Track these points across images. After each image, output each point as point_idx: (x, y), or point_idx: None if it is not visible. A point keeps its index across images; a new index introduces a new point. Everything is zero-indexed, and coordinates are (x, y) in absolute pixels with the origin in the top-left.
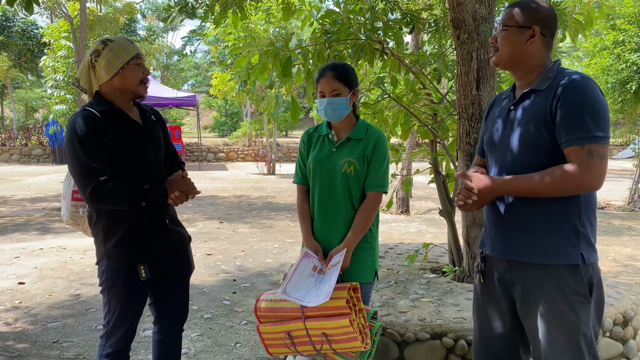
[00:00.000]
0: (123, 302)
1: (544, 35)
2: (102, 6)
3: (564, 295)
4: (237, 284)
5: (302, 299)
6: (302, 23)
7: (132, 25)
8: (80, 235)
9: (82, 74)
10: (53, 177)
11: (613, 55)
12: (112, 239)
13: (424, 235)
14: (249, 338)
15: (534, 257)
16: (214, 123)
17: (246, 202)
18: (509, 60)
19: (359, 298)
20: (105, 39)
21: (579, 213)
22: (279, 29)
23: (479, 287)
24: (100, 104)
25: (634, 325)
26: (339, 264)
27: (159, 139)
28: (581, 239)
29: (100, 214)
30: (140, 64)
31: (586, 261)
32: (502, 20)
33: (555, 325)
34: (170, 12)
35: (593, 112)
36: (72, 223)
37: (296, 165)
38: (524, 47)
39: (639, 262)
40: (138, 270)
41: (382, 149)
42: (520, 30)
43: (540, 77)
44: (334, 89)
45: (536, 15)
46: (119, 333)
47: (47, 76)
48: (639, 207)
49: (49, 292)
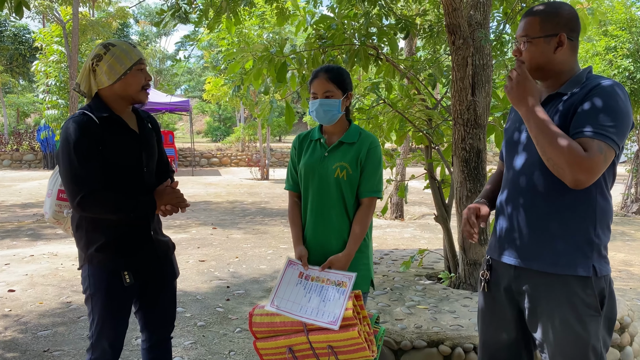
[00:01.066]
0: (107, 310)
1: (571, 40)
2: (94, 11)
3: (573, 308)
4: (231, 290)
5: (295, 312)
6: (296, 28)
7: (125, 30)
8: (71, 241)
9: (82, 79)
10: (45, 182)
11: (605, 61)
12: (95, 244)
13: (418, 240)
14: (243, 346)
15: (543, 264)
16: (207, 128)
17: (240, 208)
18: (537, 71)
19: (362, 306)
20: (107, 43)
21: (595, 223)
22: (272, 35)
23: (484, 296)
24: (99, 110)
25: (630, 331)
26: (345, 287)
27: (154, 148)
28: (594, 250)
29: (84, 217)
30: (143, 70)
31: (598, 273)
32: (523, 32)
33: (564, 338)
34: (163, 16)
35: (613, 113)
36: (53, 222)
37: (287, 171)
38: (552, 56)
39: (632, 267)
40: (122, 276)
41: (376, 153)
42: (546, 39)
43: (569, 81)
44: (327, 90)
45: (560, 20)
46: (106, 344)
47: (39, 81)
48: (632, 212)
49: (40, 300)
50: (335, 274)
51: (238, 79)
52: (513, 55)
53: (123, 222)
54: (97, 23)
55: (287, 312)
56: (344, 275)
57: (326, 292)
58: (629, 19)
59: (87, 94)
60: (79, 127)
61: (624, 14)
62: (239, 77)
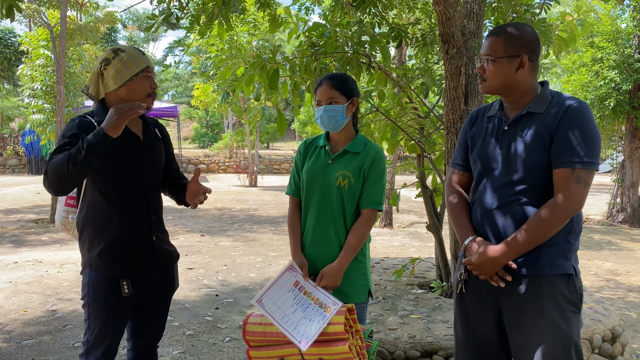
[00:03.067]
0: (104, 318)
1: (532, 61)
2: (82, 15)
3: (557, 305)
4: (220, 299)
5: (276, 318)
6: (288, 35)
7: (113, 35)
8: (57, 248)
9: (91, 82)
10: (29, 187)
11: (592, 72)
12: (96, 248)
13: (407, 249)
14: (232, 356)
15: (531, 269)
16: (194, 134)
17: (228, 215)
18: (500, 89)
19: (355, 320)
20: (117, 48)
21: (572, 226)
22: (262, 42)
23: (461, 298)
24: (99, 114)
25: (621, 341)
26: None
27: (159, 155)
28: (572, 252)
29: (87, 222)
30: (150, 77)
31: (577, 272)
32: (488, 51)
33: (548, 335)
34: (155, 21)
35: (588, 139)
36: (62, 228)
37: (290, 176)
38: (513, 76)
39: (619, 276)
40: (120, 285)
41: (381, 165)
42: (508, 60)
43: (535, 100)
44: (330, 97)
45: (522, 42)
46: (99, 351)
47: (24, 85)
48: (618, 221)
49: (24, 308)
50: (325, 296)
51: (228, 86)
52: (477, 73)
53: (124, 227)
54: (85, 27)
55: (269, 314)
56: (333, 302)
57: (310, 311)
58: (615, 31)
59: (95, 98)
60: (75, 124)
61: (610, 26)
62: (229, 83)
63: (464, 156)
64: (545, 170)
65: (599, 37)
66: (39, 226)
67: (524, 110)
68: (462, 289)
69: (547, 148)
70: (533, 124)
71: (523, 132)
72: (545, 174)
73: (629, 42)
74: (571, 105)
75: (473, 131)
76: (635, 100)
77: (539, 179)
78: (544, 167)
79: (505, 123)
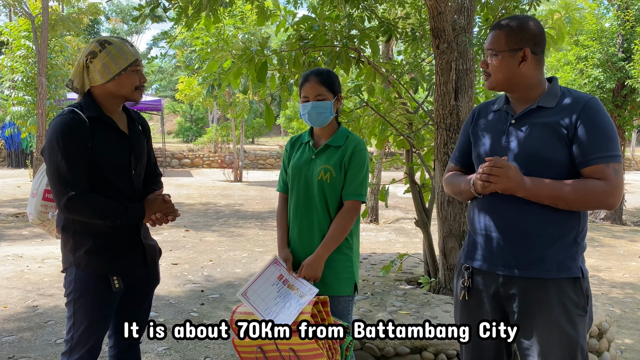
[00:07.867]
0: (92, 315)
1: (535, 54)
2: (64, 6)
3: (564, 309)
4: (205, 294)
5: (260, 309)
6: (276, 28)
7: (96, 27)
8: (38, 243)
9: (76, 75)
10: (9, 181)
11: (576, 70)
12: (83, 247)
13: (393, 244)
14: (218, 352)
15: (537, 272)
16: (178, 128)
17: (213, 210)
18: (504, 84)
19: (328, 312)
20: (103, 40)
21: (579, 227)
22: (247, 35)
23: (463, 304)
24: (89, 109)
25: (608, 337)
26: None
27: (143, 151)
28: (579, 253)
29: (71, 220)
30: (138, 71)
31: (584, 274)
32: (490, 45)
33: (555, 341)
34: (141, 11)
35: (611, 132)
36: (38, 223)
37: (280, 173)
38: (517, 70)
39: (602, 272)
40: (110, 280)
41: (361, 156)
42: (510, 53)
43: (545, 94)
44: (318, 93)
45: (525, 35)
46: (84, 349)
47: (4, 76)
48: (600, 218)
49: (4, 304)
50: (303, 285)
51: (215, 79)
52: (480, 67)
53: (111, 227)
54: (68, 18)
55: (253, 306)
56: (309, 289)
57: (289, 300)
58: (599, 30)
59: (80, 91)
60: (68, 126)
61: (594, 24)
62: (214, 77)
63: (463, 152)
64: (557, 166)
65: (583, 35)
66: (19, 220)
67: (534, 105)
68: (465, 296)
69: (564, 142)
70: (544, 118)
71: (533, 126)
72: (557, 169)
73: (612, 40)
74: (588, 101)
75: (476, 126)
76: (618, 98)
77: (552, 174)
78: (557, 162)
79: (513, 117)
